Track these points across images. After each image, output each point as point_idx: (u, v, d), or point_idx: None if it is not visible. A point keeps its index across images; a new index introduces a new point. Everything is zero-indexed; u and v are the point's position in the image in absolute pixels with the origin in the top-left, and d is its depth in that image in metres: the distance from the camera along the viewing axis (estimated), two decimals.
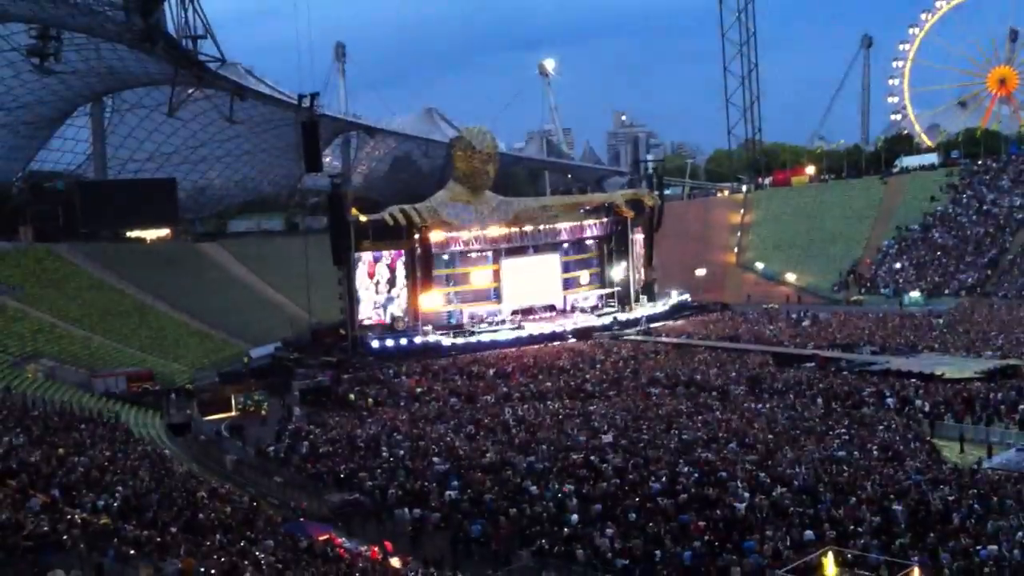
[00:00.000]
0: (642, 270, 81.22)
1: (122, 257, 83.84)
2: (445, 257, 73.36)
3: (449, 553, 27.19)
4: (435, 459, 35.37)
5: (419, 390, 52.38)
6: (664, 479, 30.01)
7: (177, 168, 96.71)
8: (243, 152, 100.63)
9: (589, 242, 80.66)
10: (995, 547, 22.51)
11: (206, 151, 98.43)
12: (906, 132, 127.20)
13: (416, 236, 69.21)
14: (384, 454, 37.06)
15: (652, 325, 72.00)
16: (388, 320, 68.98)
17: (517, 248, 76.21)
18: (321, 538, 26.27)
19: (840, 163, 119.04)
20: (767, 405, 42.84)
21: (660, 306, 78.77)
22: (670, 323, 74.17)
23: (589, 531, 26.23)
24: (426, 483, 32.18)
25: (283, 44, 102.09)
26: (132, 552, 21.10)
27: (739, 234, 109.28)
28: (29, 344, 57.77)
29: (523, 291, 75.61)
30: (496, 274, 75.41)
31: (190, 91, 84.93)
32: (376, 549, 26.25)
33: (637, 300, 78.69)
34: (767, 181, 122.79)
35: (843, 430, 36.52)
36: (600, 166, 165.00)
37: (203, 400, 52.92)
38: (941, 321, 64.06)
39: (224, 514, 26.97)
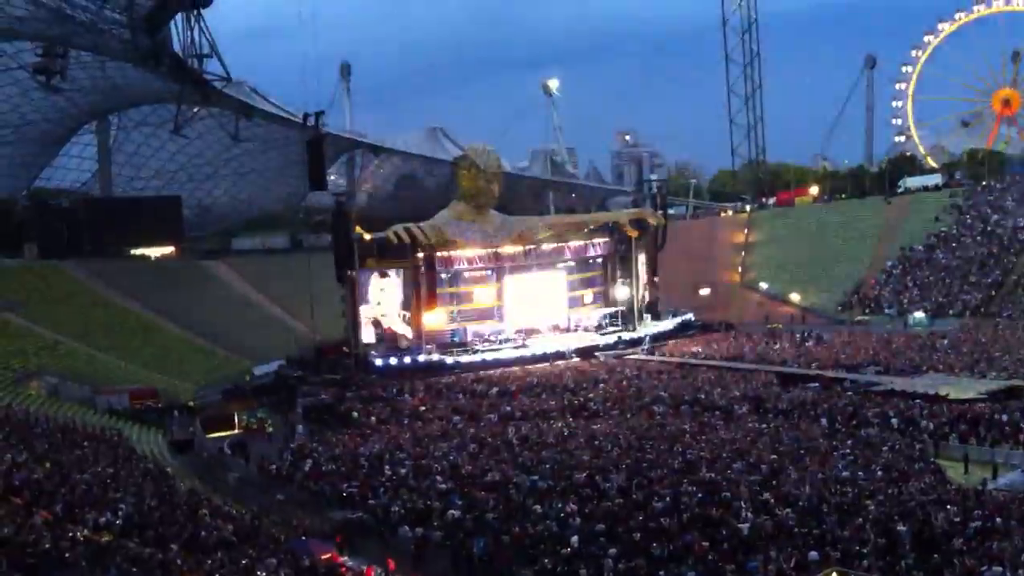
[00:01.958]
0: (646, 289, 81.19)
1: (126, 274, 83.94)
2: (449, 275, 73.39)
3: (451, 572, 27.12)
4: (438, 477, 35.29)
5: (422, 408, 52.35)
6: (667, 499, 29.92)
7: (182, 186, 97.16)
8: (248, 170, 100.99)
9: (593, 261, 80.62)
10: (1000, 568, 22.39)
11: (211, 169, 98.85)
12: (909, 153, 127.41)
13: (420, 254, 69.28)
14: (387, 472, 36.99)
15: (656, 344, 71.97)
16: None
17: (521, 266, 76.24)
18: (323, 556, 26.20)
19: (844, 183, 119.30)
20: (771, 425, 42.81)
21: (664, 325, 78.69)
22: (674, 342, 74.10)
23: (592, 550, 26.16)
24: (429, 501, 32.11)
25: (289, 63, 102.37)
26: (134, 569, 21.06)
27: (743, 254, 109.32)
28: (32, 360, 57.78)
29: (527, 310, 75.57)
30: (500, 292, 75.38)
31: (195, 109, 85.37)
32: (371, 569, 26.19)
33: (641, 319, 78.54)
34: (771, 201, 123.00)
35: (847, 450, 36.43)
36: (604, 185, 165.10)
37: (206, 417, 52.86)
38: (946, 342, 63.91)
39: (226, 532, 26.93)
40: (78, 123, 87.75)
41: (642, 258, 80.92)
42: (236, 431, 50.85)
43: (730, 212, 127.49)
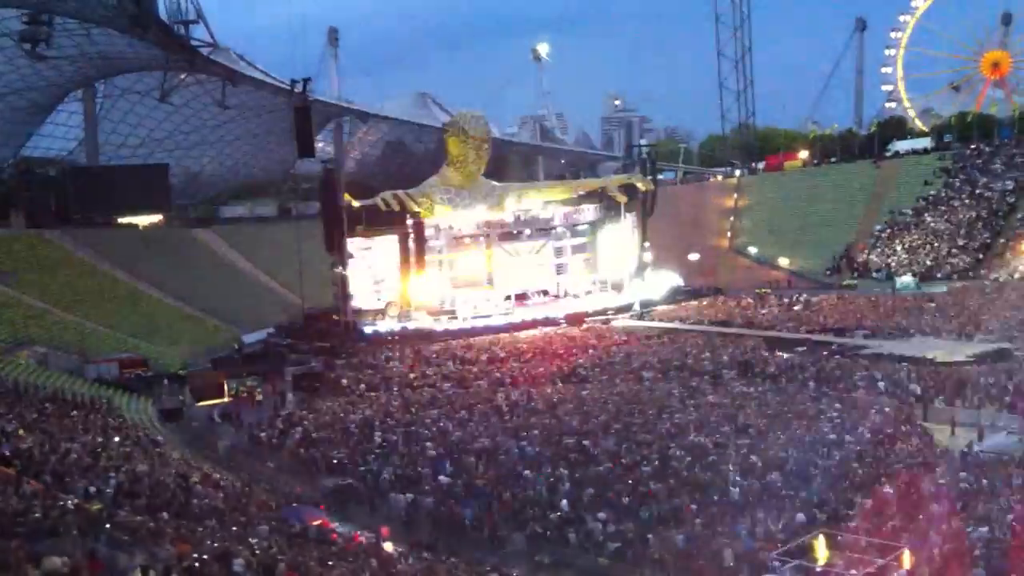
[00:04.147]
0: (635, 255, 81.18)
1: (114, 243, 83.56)
2: (438, 242, 73.29)
3: (442, 537, 27.27)
4: (427, 444, 35.44)
5: (411, 375, 52.41)
6: (656, 463, 30.12)
7: (169, 154, 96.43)
8: (235, 137, 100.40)
9: (582, 227, 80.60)
10: (985, 529, 22.63)
11: (198, 136, 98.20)
12: (899, 116, 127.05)
13: (409, 221, 69.14)
14: (377, 439, 37.13)
15: (645, 310, 72.10)
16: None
17: (510, 233, 76.24)
18: (314, 523, 26.33)
19: (833, 147, 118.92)
20: (759, 389, 43.01)
21: (653, 291, 78.77)
22: (663, 308, 74.22)
23: (582, 515, 26.33)
24: (419, 468, 32.25)
25: (276, 29, 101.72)
26: (125, 538, 21.10)
27: (732, 218, 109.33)
28: (21, 330, 57.68)
29: (516, 276, 75.60)
30: (489, 259, 75.39)
31: (182, 76, 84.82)
32: (357, 534, 26.36)
33: (630, 285, 78.66)
34: (760, 165, 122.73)
35: (835, 413, 36.61)
36: (593, 151, 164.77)
37: (196, 386, 52.89)
38: (933, 305, 64.11)
39: (217, 499, 27.01)
40: (64, 91, 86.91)
41: (631, 224, 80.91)
42: (226, 399, 50.91)
43: (719, 177, 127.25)
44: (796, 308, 68.18)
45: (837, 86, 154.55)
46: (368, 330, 65.54)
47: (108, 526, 21.60)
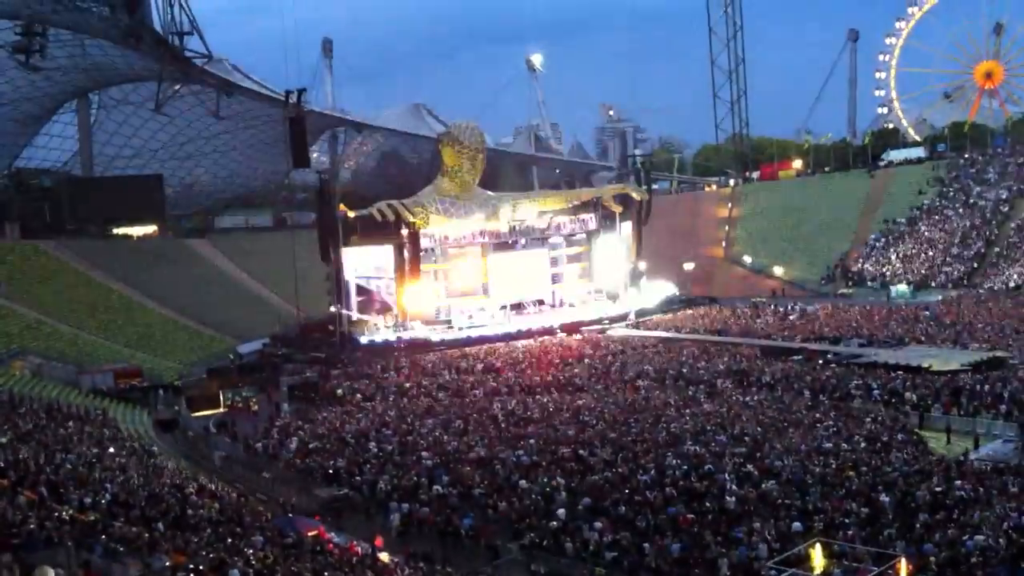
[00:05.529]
0: (630, 264, 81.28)
1: (109, 254, 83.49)
2: (433, 252, 73.29)
3: (438, 547, 27.23)
4: (424, 454, 35.41)
5: (407, 385, 52.37)
6: (652, 472, 30.12)
7: (164, 164, 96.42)
8: (230, 148, 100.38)
9: (577, 236, 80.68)
10: (981, 537, 22.63)
11: (193, 147, 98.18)
12: (893, 126, 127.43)
13: (404, 231, 69.13)
14: (373, 449, 37.10)
15: (640, 319, 72.13)
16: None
17: (505, 243, 76.23)
18: (310, 533, 26.29)
19: (827, 157, 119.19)
20: (755, 398, 43.03)
21: (648, 300, 78.82)
22: (658, 317, 74.28)
23: (578, 524, 26.32)
24: (415, 477, 32.22)
25: (270, 40, 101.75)
26: (120, 548, 21.06)
27: (727, 228, 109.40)
28: (16, 341, 57.54)
29: (512, 286, 75.60)
30: (484, 269, 75.38)
31: (176, 87, 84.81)
32: (354, 543, 26.32)
33: (625, 294, 78.72)
34: (754, 175, 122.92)
35: (830, 422, 36.68)
36: (588, 161, 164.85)
37: (191, 396, 52.80)
38: (928, 313, 64.20)
39: (212, 510, 26.94)
40: (58, 102, 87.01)
41: (626, 233, 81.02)
42: (221, 410, 50.82)
43: (714, 186, 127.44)
44: (791, 317, 68.25)
45: (831, 96, 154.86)
46: (364, 340, 65.52)
47: (103, 537, 21.55)
